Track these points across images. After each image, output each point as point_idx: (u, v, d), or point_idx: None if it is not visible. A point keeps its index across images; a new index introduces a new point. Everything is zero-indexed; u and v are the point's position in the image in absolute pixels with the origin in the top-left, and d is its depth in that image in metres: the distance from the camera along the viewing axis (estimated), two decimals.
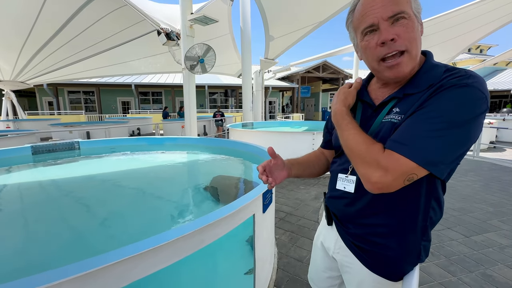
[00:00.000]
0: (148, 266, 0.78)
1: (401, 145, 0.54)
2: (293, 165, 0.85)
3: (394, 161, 0.54)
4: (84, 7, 5.84)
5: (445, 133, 0.52)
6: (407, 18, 0.58)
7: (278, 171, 0.78)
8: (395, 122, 0.62)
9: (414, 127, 0.55)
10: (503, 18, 7.56)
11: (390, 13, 0.58)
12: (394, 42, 0.59)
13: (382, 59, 0.62)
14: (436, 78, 0.59)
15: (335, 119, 0.70)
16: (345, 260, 0.78)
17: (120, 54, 8.55)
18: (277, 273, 1.86)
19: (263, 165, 0.76)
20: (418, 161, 0.52)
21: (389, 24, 0.59)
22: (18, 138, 5.63)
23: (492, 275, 1.83)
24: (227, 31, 8.61)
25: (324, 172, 0.94)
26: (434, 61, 0.64)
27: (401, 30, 0.58)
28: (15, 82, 9.73)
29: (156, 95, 19.20)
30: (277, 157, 0.78)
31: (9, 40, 7.07)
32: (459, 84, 0.54)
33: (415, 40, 0.59)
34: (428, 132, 0.53)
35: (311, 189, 3.76)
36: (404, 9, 0.58)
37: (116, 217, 1.97)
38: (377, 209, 0.69)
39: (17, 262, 1.35)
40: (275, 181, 0.76)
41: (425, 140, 0.53)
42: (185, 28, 4.85)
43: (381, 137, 0.64)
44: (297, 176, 0.87)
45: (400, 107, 0.63)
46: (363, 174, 0.59)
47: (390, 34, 0.58)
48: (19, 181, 2.75)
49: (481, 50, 27.43)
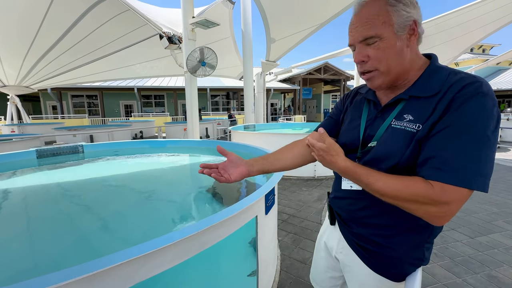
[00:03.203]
0: (154, 267, 0.79)
1: (451, 176, 0.53)
2: (256, 161, 0.82)
3: (452, 193, 0.53)
4: (87, 12, 5.93)
5: (485, 150, 0.53)
6: (379, 41, 0.62)
7: (233, 168, 0.77)
8: (410, 131, 0.61)
9: (455, 150, 0.54)
10: (505, 17, 7.53)
11: (361, 37, 0.64)
12: (365, 63, 0.65)
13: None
14: (442, 82, 0.60)
15: (350, 178, 0.67)
16: (348, 260, 0.78)
17: (123, 58, 8.64)
18: (280, 275, 1.86)
19: (207, 164, 0.79)
20: (474, 187, 0.52)
21: (364, 45, 0.64)
22: (22, 142, 5.69)
23: (497, 276, 1.82)
24: (229, 34, 8.66)
25: (303, 162, 0.86)
26: (439, 64, 0.65)
27: (372, 52, 0.63)
28: (20, 87, 9.86)
29: (159, 98, 19.33)
30: (228, 154, 0.80)
31: (14, 46, 7.19)
32: (478, 93, 0.54)
33: (386, 60, 0.63)
34: (472, 153, 0.53)
35: (314, 190, 3.76)
36: (375, 33, 0.61)
37: (120, 219, 1.98)
38: (382, 210, 0.69)
39: (24, 264, 1.37)
40: (230, 177, 0.75)
41: (473, 165, 0.52)
42: (187, 31, 4.90)
43: (393, 143, 0.63)
44: (264, 172, 0.82)
45: (412, 113, 0.62)
46: (424, 214, 0.57)
47: (360, 56, 0.65)
48: (24, 184, 2.78)
49: (484, 50, 27.26)
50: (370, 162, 0.68)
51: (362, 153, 0.71)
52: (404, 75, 0.66)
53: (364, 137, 0.72)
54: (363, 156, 0.71)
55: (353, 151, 0.75)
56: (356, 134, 0.75)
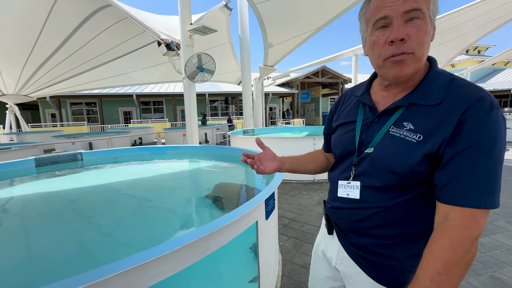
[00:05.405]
0: (155, 275, 0.78)
1: (480, 199, 0.53)
2: (286, 159, 0.88)
3: (481, 217, 0.53)
4: (86, 21, 5.98)
5: (501, 166, 0.53)
6: (421, 19, 0.56)
7: (268, 162, 0.83)
8: (411, 141, 0.59)
9: (481, 171, 0.53)
10: (499, 19, 7.64)
11: (408, 7, 0.55)
12: (403, 42, 0.57)
13: (387, 58, 0.60)
14: (444, 90, 0.58)
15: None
16: (349, 270, 0.75)
17: (121, 65, 8.69)
18: (282, 281, 1.85)
19: (248, 154, 0.83)
20: (497, 205, 0.53)
21: (403, 21, 0.56)
22: (21, 151, 5.67)
23: (501, 277, 1.80)
24: (226, 40, 8.74)
25: (322, 170, 0.95)
26: (439, 69, 0.63)
27: (413, 31, 0.56)
28: (18, 96, 9.88)
29: (157, 104, 19.37)
30: (265, 148, 0.86)
31: (13, 56, 7.24)
32: (493, 108, 0.53)
33: (424, 43, 0.57)
34: (495, 173, 0.53)
35: (314, 194, 3.75)
36: (422, 7, 0.56)
37: (120, 227, 1.97)
38: (383, 220, 0.66)
39: (23, 274, 1.35)
40: (266, 169, 0.81)
41: (496, 184, 0.53)
42: (184, 38, 4.94)
43: (391, 151, 0.62)
44: (291, 171, 0.90)
45: (412, 122, 0.60)
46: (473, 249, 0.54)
47: (401, 33, 0.56)
48: (23, 193, 2.77)
49: (479, 51, 27.54)
50: (369, 171, 0.67)
51: (359, 160, 0.69)
52: (419, 71, 0.62)
53: (359, 141, 0.70)
54: (360, 163, 0.69)
55: (348, 156, 0.74)
56: (351, 138, 0.72)
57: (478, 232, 0.53)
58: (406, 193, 0.63)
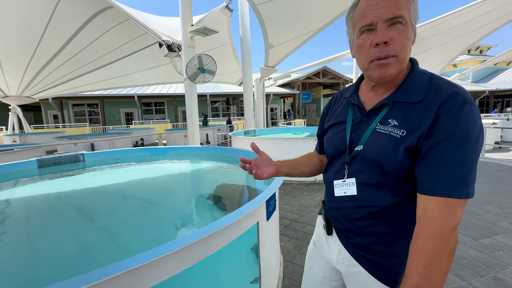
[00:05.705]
0: (158, 275, 0.79)
1: (458, 188, 0.56)
2: (283, 164, 0.89)
3: (458, 206, 0.56)
4: (87, 23, 6.03)
5: (476, 159, 0.57)
6: (403, 24, 0.60)
7: (264, 166, 0.83)
8: (395, 136, 0.63)
9: (457, 162, 0.56)
10: (500, 19, 7.61)
11: (390, 15, 0.60)
12: (387, 45, 0.61)
13: (373, 60, 0.64)
14: (425, 89, 0.62)
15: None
16: (350, 270, 0.76)
17: (123, 67, 8.74)
18: (283, 282, 1.84)
19: (245, 159, 0.83)
20: (472, 196, 0.56)
21: (386, 26, 0.61)
22: (24, 152, 5.71)
23: (503, 278, 1.79)
24: (227, 41, 8.77)
25: (316, 172, 0.96)
26: (420, 69, 0.68)
27: (395, 34, 0.60)
28: (21, 97, 9.95)
29: (159, 105, 19.44)
30: (261, 153, 0.86)
31: (16, 58, 7.30)
32: (466, 104, 0.56)
33: (405, 46, 0.62)
34: (470, 164, 0.56)
35: (315, 195, 3.74)
36: (403, 14, 0.60)
37: (122, 228, 1.98)
38: (382, 218, 0.68)
39: (25, 274, 1.36)
40: (263, 174, 0.81)
41: (471, 174, 0.56)
42: (186, 39, 4.96)
43: (378, 147, 0.65)
44: (288, 175, 0.91)
45: (396, 119, 0.64)
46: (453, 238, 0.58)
47: (385, 36, 0.61)
48: (26, 194, 2.79)
49: (481, 51, 27.41)
50: (361, 168, 0.69)
51: (351, 158, 0.72)
52: (401, 72, 0.66)
53: (350, 140, 0.73)
54: (352, 161, 0.72)
55: (340, 155, 0.76)
56: (342, 138, 0.75)
57: (455, 221, 0.56)
58: (400, 192, 0.65)
